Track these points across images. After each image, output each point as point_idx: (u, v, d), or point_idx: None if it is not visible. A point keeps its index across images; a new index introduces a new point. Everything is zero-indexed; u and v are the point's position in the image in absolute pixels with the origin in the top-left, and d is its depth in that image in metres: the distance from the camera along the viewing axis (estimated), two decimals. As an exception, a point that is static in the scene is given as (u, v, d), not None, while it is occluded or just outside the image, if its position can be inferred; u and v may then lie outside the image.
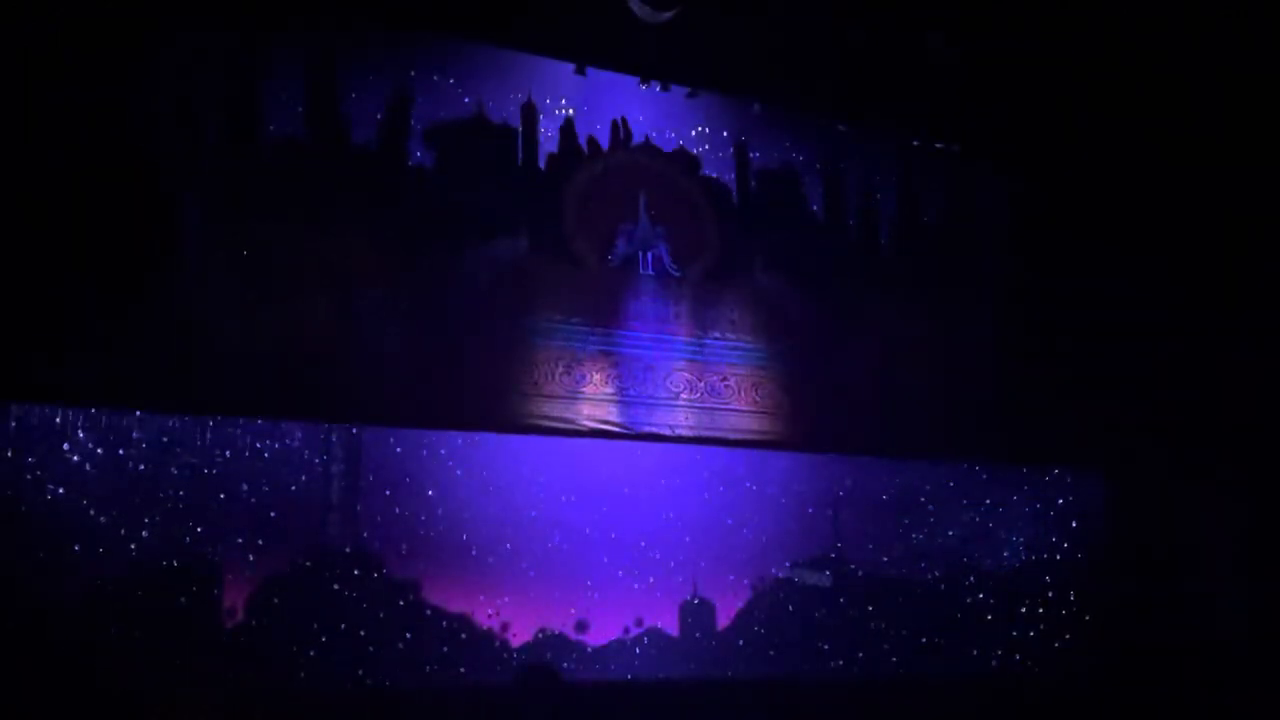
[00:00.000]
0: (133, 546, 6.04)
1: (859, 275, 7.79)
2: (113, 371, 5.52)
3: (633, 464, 7.48)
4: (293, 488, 6.60)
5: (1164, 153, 7.83)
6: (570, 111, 7.15)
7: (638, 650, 7.24)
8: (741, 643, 7.51)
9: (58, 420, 6.03)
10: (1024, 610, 8.10)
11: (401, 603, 6.63)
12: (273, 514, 6.49)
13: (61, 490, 5.99)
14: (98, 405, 5.94)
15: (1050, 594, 8.15)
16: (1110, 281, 7.96)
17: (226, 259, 5.93)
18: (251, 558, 6.35)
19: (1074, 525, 8.28)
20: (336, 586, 6.49)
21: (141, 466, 6.19)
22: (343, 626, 6.39)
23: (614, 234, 7.13)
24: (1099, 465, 8.12)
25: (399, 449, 6.95)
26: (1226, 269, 7.76)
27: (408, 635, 6.58)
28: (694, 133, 7.59)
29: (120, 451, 6.15)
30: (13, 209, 5.33)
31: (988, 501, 8.33)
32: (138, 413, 6.19)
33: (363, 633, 6.44)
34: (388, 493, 6.85)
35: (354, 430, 6.82)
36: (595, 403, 6.84)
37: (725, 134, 7.65)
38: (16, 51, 5.43)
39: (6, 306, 5.25)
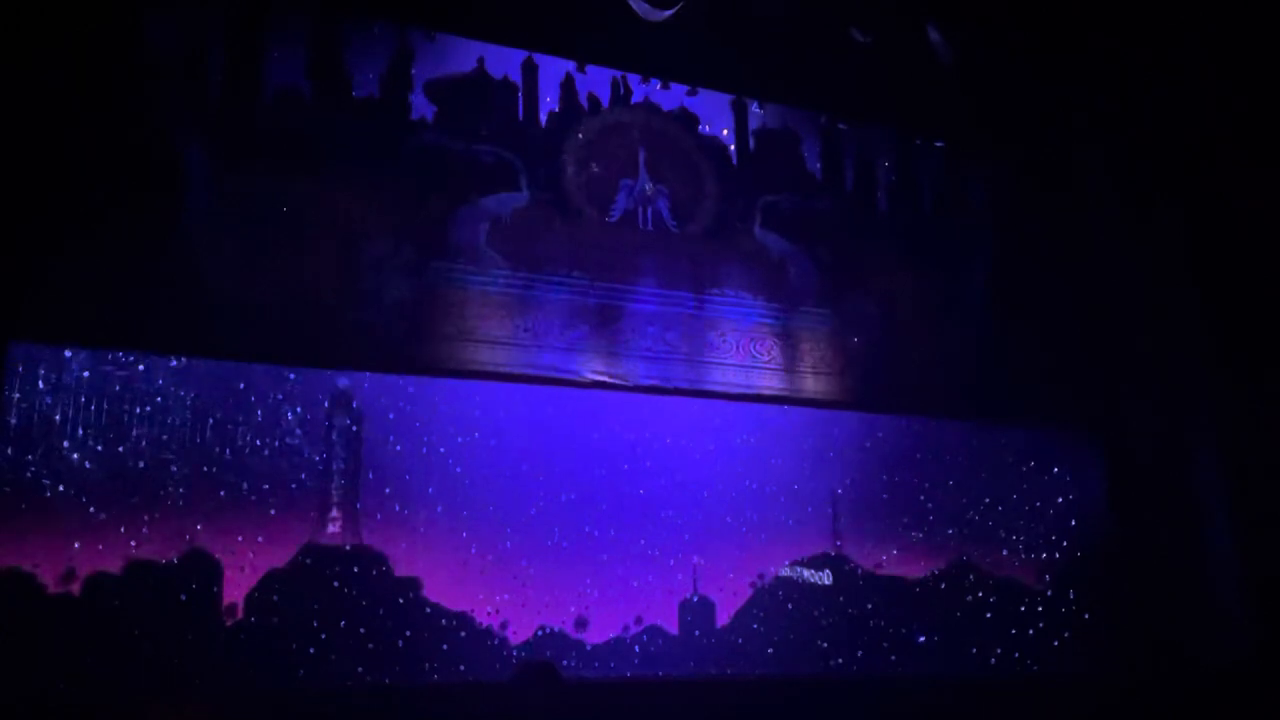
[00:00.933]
0: (133, 544, 6.04)
1: (857, 234, 7.95)
2: (120, 316, 5.69)
3: (634, 464, 7.50)
4: (293, 485, 6.60)
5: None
6: (571, 67, 7.29)
7: (637, 648, 7.25)
8: (741, 641, 7.51)
9: (58, 417, 6.04)
10: (1023, 609, 8.11)
11: (401, 600, 6.63)
12: (273, 511, 6.49)
13: (61, 488, 5.99)
14: (104, 348, 6.06)
15: (1049, 592, 8.16)
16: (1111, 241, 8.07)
17: (230, 210, 6.09)
18: (251, 555, 6.35)
19: (1073, 524, 8.29)
20: (336, 584, 6.48)
21: (142, 464, 6.19)
22: (343, 624, 6.38)
23: (614, 189, 7.22)
24: (1098, 430, 8.20)
25: (399, 447, 6.95)
26: (1230, 229, 7.79)
27: (408, 633, 6.58)
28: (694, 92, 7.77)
29: (120, 449, 6.16)
30: (23, 158, 5.48)
31: (987, 500, 8.34)
32: (137, 409, 6.22)
33: (363, 630, 6.43)
34: (388, 490, 6.86)
35: (354, 428, 6.83)
36: (594, 354, 6.99)
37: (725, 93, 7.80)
38: (24, 5, 5.55)
39: (16, 252, 5.41)
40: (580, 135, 7.28)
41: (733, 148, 7.83)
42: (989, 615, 8.06)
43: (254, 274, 6.04)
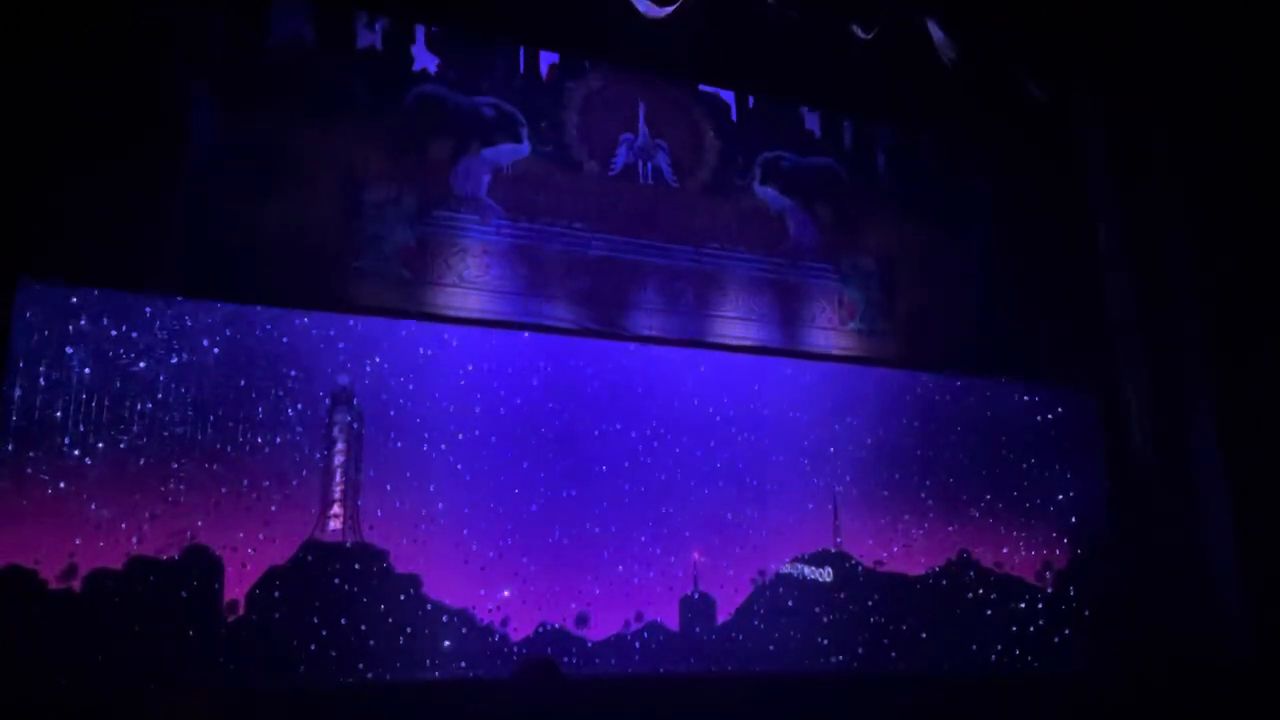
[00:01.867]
0: (135, 540, 6.05)
1: (856, 191, 8.06)
2: (126, 255, 5.80)
3: (635, 459, 7.51)
4: (294, 482, 6.60)
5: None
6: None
7: (638, 645, 7.25)
8: (741, 637, 7.52)
9: (59, 414, 6.04)
10: (1023, 605, 8.11)
11: (402, 597, 6.64)
12: (274, 508, 6.49)
13: (63, 484, 6.00)
14: (111, 287, 6.11)
15: (1050, 590, 8.16)
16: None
17: (236, 151, 6.22)
18: (253, 552, 6.35)
19: (1073, 520, 8.29)
20: (337, 581, 6.49)
21: (142, 461, 6.19)
22: (344, 621, 6.39)
23: (614, 144, 7.33)
24: (1095, 386, 8.27)
25: (400, 444, 6.95)
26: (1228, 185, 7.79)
27: (409, 630, 6.59)
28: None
29: (122, 445, 6.16)
30: (31, 100, 5.56)
31: (988, 497, 8.34)
32: (138, 406, 6.22)
33: (364, 627, 6.44)
34: (389, 487, 6.86)
35: (355, 425, 6.83)
36: (593, 305, 7.08)
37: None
38: None
39: (25, 191, 5.50)
40: (581, 89, 7.33)
41: (733, 104, 7.88)
42: (989, 612, 8.06)
43: (257, 217, 6.20)
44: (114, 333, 6.23)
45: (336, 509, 6.70)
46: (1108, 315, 7.99)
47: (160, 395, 6.30)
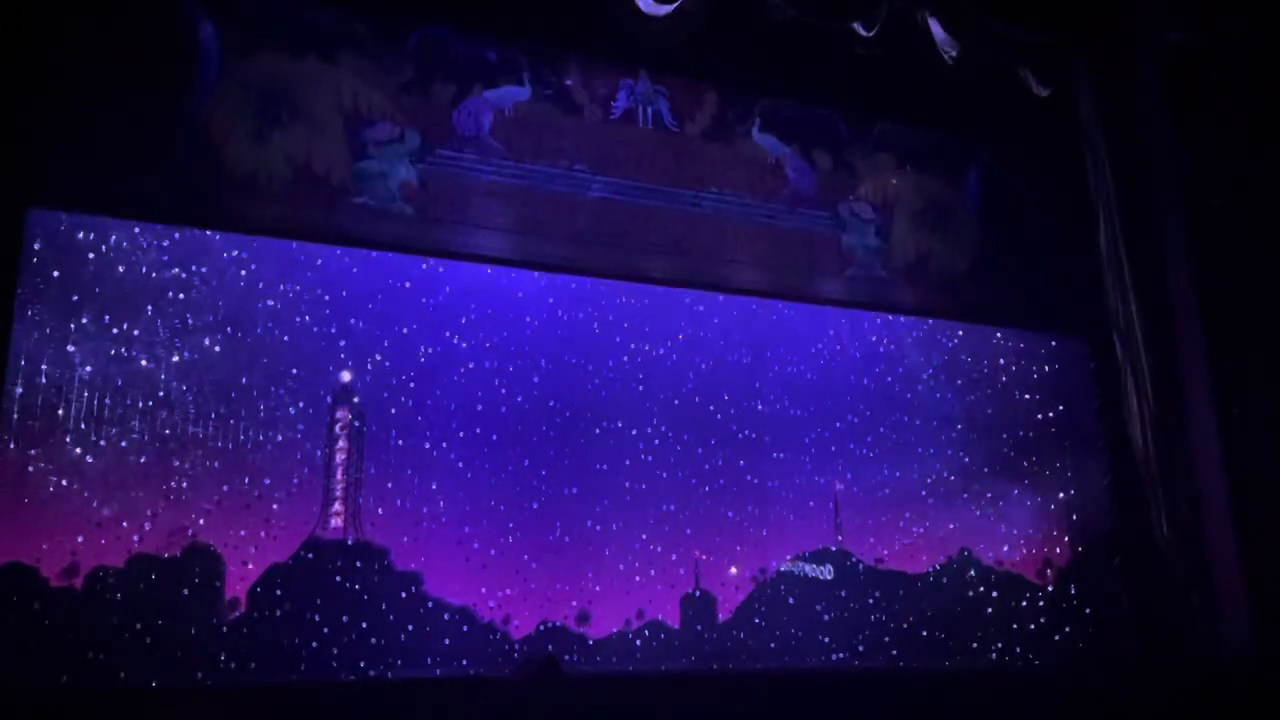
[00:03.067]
0: (136, 538, 6.05)
1: (854, 140, 8.17)
2: (133, 185, 5.93)
3: (636, 457, 7.51)
4: (295, 480, 6.61)
5: None
6: None
7: (639, 643, 7.26)
8: (742, 635, 7.53)
9: (60, 412, 6.05)
10: (1024, 603, 8.11)
11: (404, 595, 6.65)
12: (275, 506, 6.50)
13: (64, 482, 6.00)
14: (118, 218, 6.20)
15: (1050, 587, 8.16)
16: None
17: (242, 87, 6.37)
18: (254, 549, 6.36)
19: (1074, 518, 8.29)
20: (339, 579, 6.50)
21: (143, 459, 6.20)
22: (345, 619, 6.40)
23: (615, 88, 7.43)
24: (1082, 330, 8.35)
25: (401, 441, 6.95)
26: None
27: (410, 627, 6.59)
28: None
29: (123, 444, 6.16)
30: (41, 34, 5.66)
31: (989, 495, 8.34)
32: (139, 404, 6.22)
33: (365, 625, 6.45)
34: (390, 485, 6.86)
35: (356, 423, 6.83)
36: (593, 245, 7.22)
37: None
38: None
39: (36, 121, 5.58)
40: (582, 32, 7.39)
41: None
42: (990, 610, 8.07)
43: (263, 151, 6.37)
44: (115, 331, 6.22)
45: (338, 506, 6.70)
46: (1098, 262, 7.97)
47: (162, 393, 6.30)
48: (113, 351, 6.21)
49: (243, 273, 6.63)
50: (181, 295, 6.41)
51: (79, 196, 5.93)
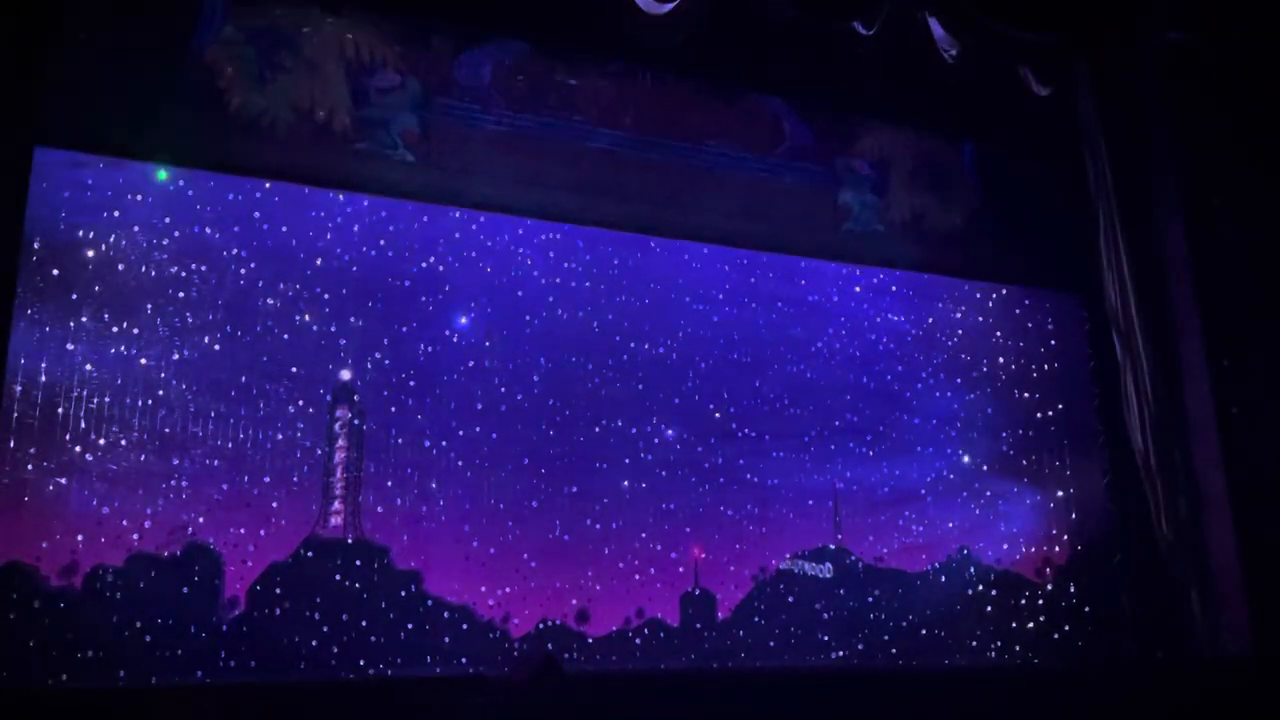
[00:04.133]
0: (135, 537, 6.04)
1: (851, 95, 8.23)
2: (139, 127, 6.05)
3: (636, 455, 7.51)
4: (295, 478, 6.60)
5: None
6: None
7: (639, 641, 7.25)
8: (742, 634, 7.52)
9: (60, 410, 6.05)
10: (1024, 602, 8.12)
11: (403, 593, 6.64)
12: (275, 504, 6.50)
13: (64, 481, 6.00)
14: (123, 157, 6.26)
15: (1050, 587, 8.17)
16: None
17: (246, 33, 6.49)
18: (253, 548, 6.36)
19: (1074, 517, 8.30)
20: (338, 577, 6.49)
21: (143, 458, 6.20)
22: (344, 617, 6.39)
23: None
24: (1081, 290, 8.47)
25: (400, 440, 6.95)
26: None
27: (409, 626, 6.59)
28: None
29: (123, 442, 6.16)
30: None
31: (988, 494, 8.35)
32: (139, 402, 6.22)
33: (364, 623, 6.44)
34: (389, 483, 6.86)
35: (356, 421, 6.83)
36: (592, 195, 7.36)
37: None
38: None
39: (43, 61, 5.56)
40: None
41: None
42: (989, 609, 8.07)
43: (266, 96, 6.51)
44: (115, 329, 6.22)
45: (337, 505, 6.70)
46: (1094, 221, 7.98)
47: (161, 391, 6.29)
48: (112, 350, 6.21)
49: (242, 271, 6.63)
50: (181, 294, 6.40)
51: (85, 138, 6.04)
